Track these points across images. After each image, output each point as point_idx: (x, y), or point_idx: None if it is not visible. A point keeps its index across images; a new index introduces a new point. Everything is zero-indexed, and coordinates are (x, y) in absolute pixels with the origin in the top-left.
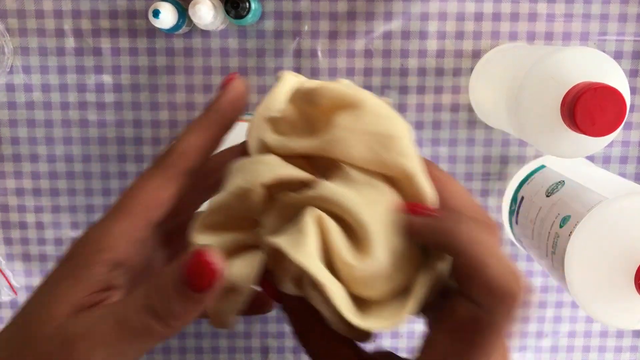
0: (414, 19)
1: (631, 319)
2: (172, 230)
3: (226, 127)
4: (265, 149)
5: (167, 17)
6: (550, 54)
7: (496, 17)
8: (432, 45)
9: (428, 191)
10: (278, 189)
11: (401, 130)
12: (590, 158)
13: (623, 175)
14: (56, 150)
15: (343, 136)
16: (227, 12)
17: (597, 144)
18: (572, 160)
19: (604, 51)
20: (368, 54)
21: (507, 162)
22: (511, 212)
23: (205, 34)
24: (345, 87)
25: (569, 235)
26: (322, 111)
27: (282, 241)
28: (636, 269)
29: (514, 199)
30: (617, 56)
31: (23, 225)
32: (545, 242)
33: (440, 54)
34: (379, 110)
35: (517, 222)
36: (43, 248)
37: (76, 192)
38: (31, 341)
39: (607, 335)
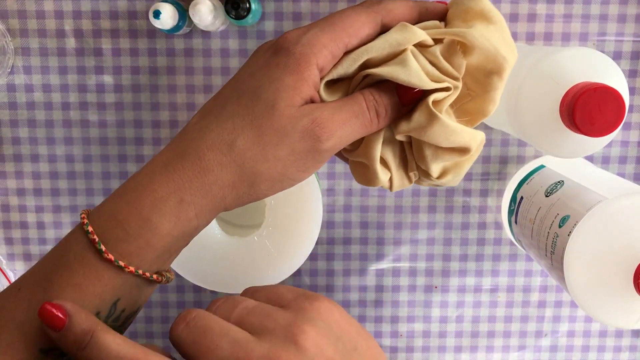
0: None
1: (630, 319)
2: None
3: (426, 17)
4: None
5: (167, 17)
6: (550, 54)
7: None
8: None
9: (490, 109)
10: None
11: (512, 61)
12: (590, 158)
13: (622, 175)
14: (57, 150)
15: (475, 35)
16: (228, 12)
17: (596, 144)
18: (572, 160)
19: (603, 52)
20: None
21: (507, 162)
22: (510, 212)
23: (205, 34)
24: (489, 4)
25: (568, 235)
26: (463, 11)
27: (389, 69)
28: (635, 268)
29: (513, 199)
30: (616, 56)
31: (24, 225)
32: (545, 241)
33: None
34: (507, 35)
35: (516, 222)
36: (44, 248)
37: (77, 192)
38: (274, 117)
39: (606, 334)
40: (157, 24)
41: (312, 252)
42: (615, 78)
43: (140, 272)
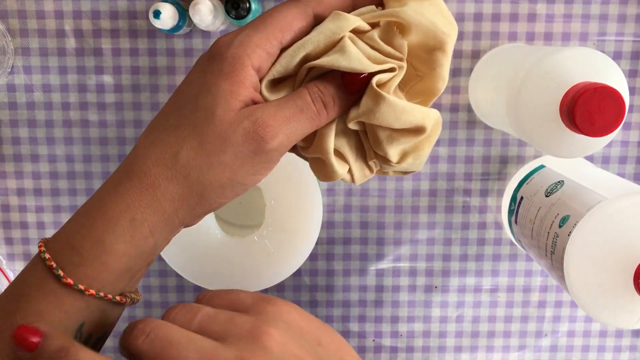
0: None
1: (630, 319)
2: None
3: (360, 3)
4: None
5: (167, 17)
6: (550, 54)
7: (495, 17)
8: None
9: (440, 86)
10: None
11: (453, 34)
12: (590, 158)
13: (622, 175)
14: (57, 151)
15: (408, 12)
16: (228, 12)
17: (596, 144)
18: (572, 160)
19: (603, 51)
20: None
21: (507, 162)
22: (510, 212)
23: (205, 34)
24: None
25: (568, 235)
26: None
27: (329, 58)
28: (635, 268)
29: (513, 199)
30: (616, 56)
31: (24, 225)
32: (545, 241)
33: None
34: (443, 10)
35: (516, 222)
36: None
37: (77, 192)
38: (214, 124)
39: (607, 334)
40: (157, 24)
41: (312, 252)
42: (615, 78)
43: (102, 294)
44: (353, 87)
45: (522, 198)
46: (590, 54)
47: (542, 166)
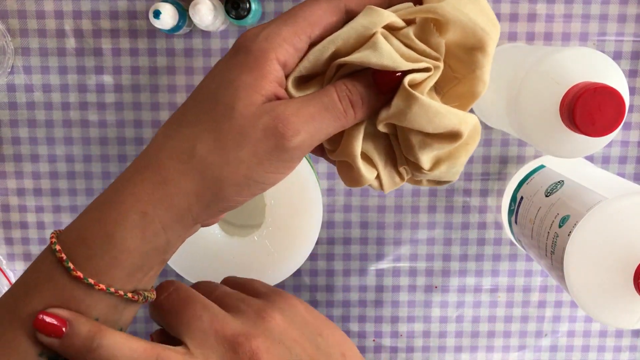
0: None
1: (630, 319)
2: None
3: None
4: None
5: (167, 17)
6: (550, 54)
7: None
8: None
9: (479, 89)
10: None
11: (494, 34)
12: (590, 158)
13: (622, 175)
14: (57, 151)
15: (446, 8)
16: (228, 12)
17: (596, 144)
18: (572, 160)
19: (603, 51)
20: None
21: (507, 162)
22: (510, 212)
23: (205, 34)
24: None
25: (568, 235)
26: None
27: (359, 55)
28: (635, 268)
29: (513, 199)
30: (617, 56)
31: (24, 225)
32: (545, 241)
33: None
34: (485, 7)
35: (516, 222)
36: (44, 248)
37: (77, 192)
38: (233, 118)
39: (607, 334)
40: (157, 24)
41: (312, 252)
42: (615, 78)
43: (112, 290)
44: (384, 87)
45: (522, 198)
46: (590, 54)
47: (542, 166)
